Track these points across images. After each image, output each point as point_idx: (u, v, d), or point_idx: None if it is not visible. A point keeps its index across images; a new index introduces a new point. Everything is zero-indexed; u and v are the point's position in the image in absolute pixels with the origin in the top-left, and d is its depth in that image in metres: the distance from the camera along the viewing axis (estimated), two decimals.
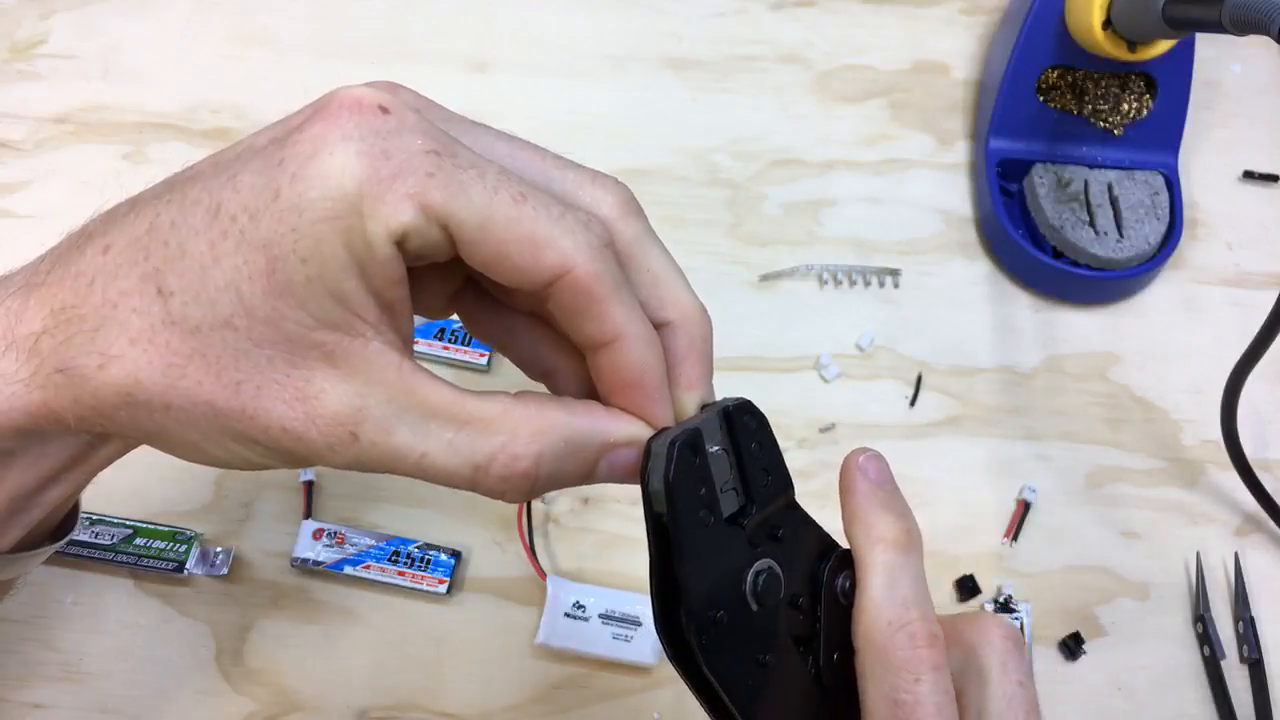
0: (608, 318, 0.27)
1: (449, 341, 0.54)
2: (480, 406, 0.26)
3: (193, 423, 0.26)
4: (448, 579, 0.48)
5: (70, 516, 0.34)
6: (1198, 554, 0.51)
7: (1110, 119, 0.60)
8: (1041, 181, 0.58)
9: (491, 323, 0.31)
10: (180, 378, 0.25)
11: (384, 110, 0.25)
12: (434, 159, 0.25)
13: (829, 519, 0.31)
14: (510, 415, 0.26)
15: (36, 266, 0.28)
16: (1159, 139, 0.60)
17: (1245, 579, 0.51)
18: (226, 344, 0.25)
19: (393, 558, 0.49)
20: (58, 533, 0.34)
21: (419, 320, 0.33)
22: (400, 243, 0.25)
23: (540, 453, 0.26)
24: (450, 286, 0.31)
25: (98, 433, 0.28)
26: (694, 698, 0.27)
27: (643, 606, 0.48)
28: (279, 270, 0.24)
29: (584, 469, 0.28)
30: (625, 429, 0.28)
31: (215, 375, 0.25)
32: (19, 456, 0.28)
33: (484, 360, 0.54)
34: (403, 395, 0.26)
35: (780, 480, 0.30)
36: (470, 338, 0.54)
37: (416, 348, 0.40)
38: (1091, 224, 0.57)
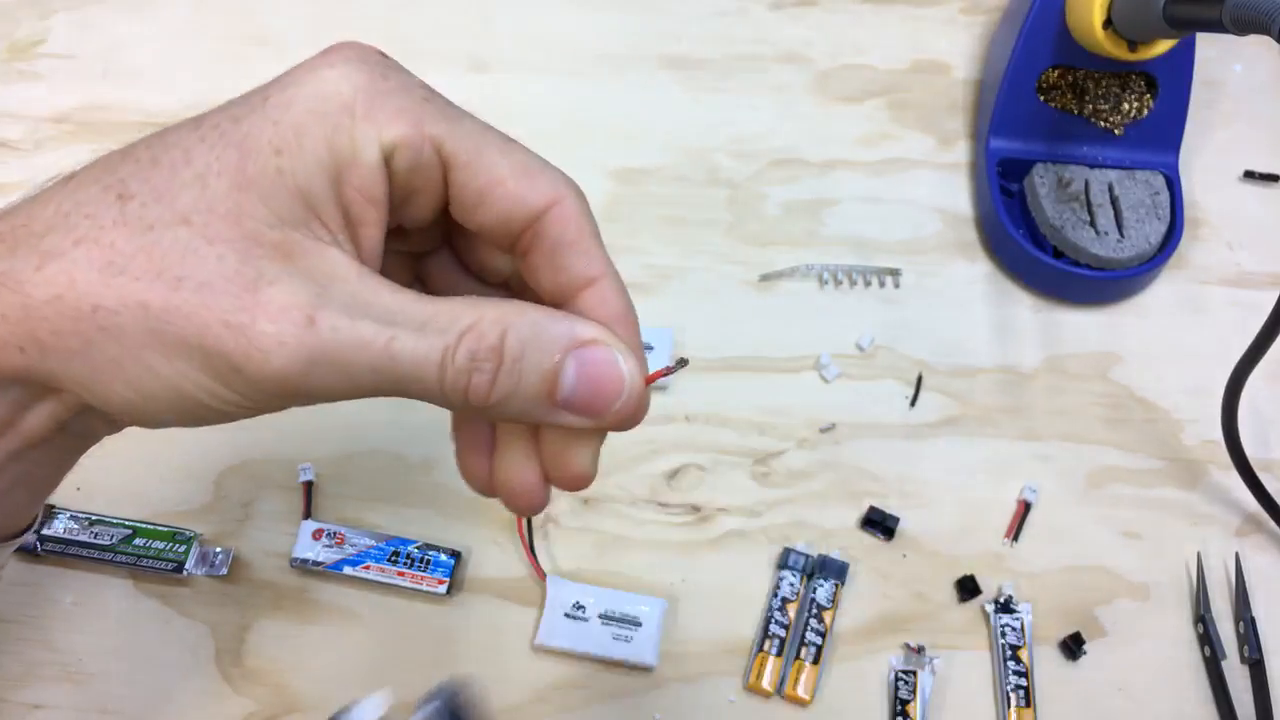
0: (594, 252, 0.27)
1: None
2: (447, 301, 0.25)
3: (120, 330, 0.23)
4: (447, 579, 0.48)
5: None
6: (1198, 554, 0.51)
7: (1111, 119, 0.60)
8: (1042, 181, 0.58)
9: (457, 294, 0.30)
10: (116, 274, 0.23)
11: (384, 55, 0.26)
12: (431, 97, 0.26)
13: (830, 519, 0.31)
14: (476, 306, 0.25)
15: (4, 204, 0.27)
16: (1160, 139, 0.60)
17: (1246, 579, 0.51)
18: (177, 240, 0.23)
19: (392, 558, 0.49)
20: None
21: None
22: (389, 157, 0.25)
23: (506, 330, 0.25)
24: (419, 247, 0.30)
25: (20, 369, 0.24)
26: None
27: (644, 607, 0.48)
28: (250, 162, 0.24)
29: (550, 364, 0.25)
30: (595, 329, 0.26)
31: (155, 272, 0.23)
32: None
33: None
34: (365, 291, 0.24)
35: None
36: None
37: None
38: (1092, 224, 0.57)
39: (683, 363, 0.30)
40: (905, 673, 0.48)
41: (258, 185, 0.24)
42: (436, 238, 0.31)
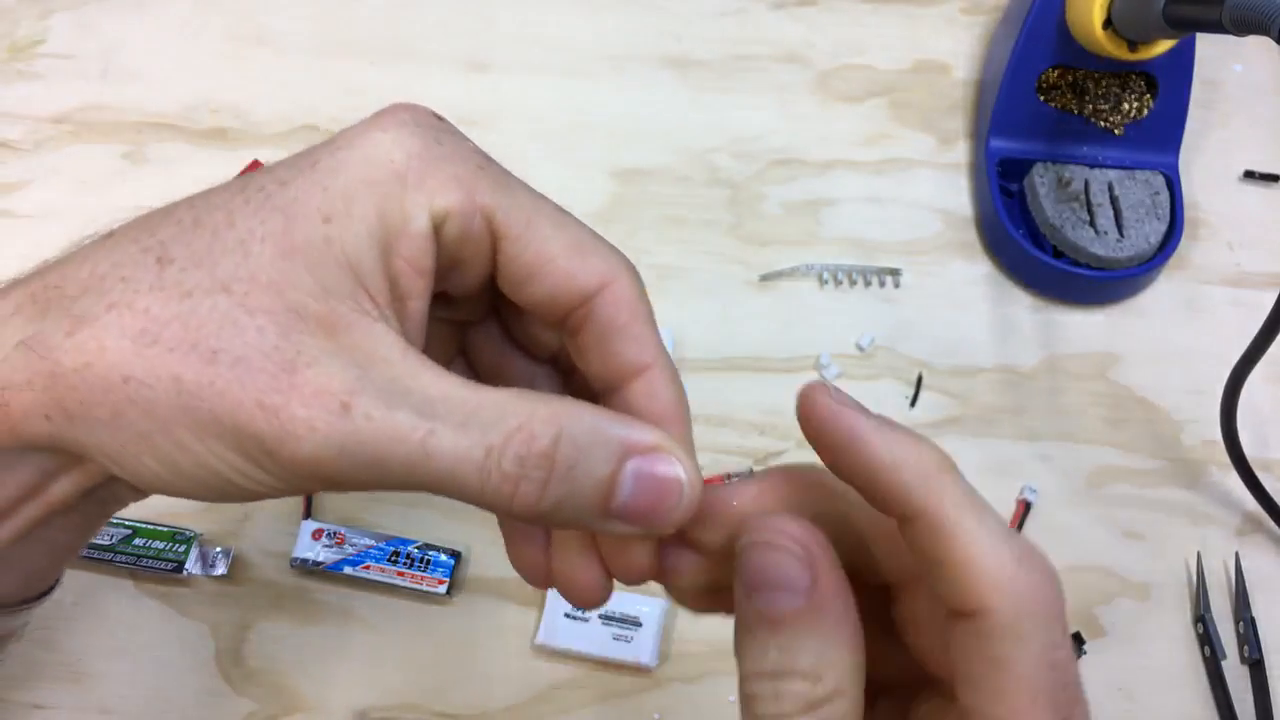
0: (647, 338, 0.25)
1: None
2: (495, 392, 0.23)
3: (151, 404, 0.22)
4: (448, 579, 0.48)
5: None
6: (1198, 554, 0.51)
7: (1111, 118, 0.60)
8: (1042, 181, 0.58)
9: (502, 368, 0.29)
10: (150, 343, 0.22)
11: (439, 117, 0.25)
12: (484, 163, 0.25)
13: None
14: (527, 398, 0.23)
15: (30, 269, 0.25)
16: (1160, 139, 0.60)
17: (1246, 579, 0.51)
18: (215, 309, 0.22)
19: (392, 558, 0.49)
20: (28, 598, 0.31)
21: None
22: (439, 226, 0.23)
23: (560, 434, 0.23)
24: (464, 316, 0.29)
25: (46, 437, 0.23)
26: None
27: (644, 607, 0.48)
28: (297, 228, 0.23)
29: (606, 472, 0.23)
30: (653, 432, 0.24)
31: (191, 343, 0.22)
32: None
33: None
34: (407, 375, 0.23)
35: None
36: None
37: None
38: (1092, 224, 0.57)
39: (746, 473, 0.27)
40: None
41: (304, 253, 0.23)
42: (483, 308, 0.29)
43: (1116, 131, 0.60)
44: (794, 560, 0.23)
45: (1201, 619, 0.49)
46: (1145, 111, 0.60)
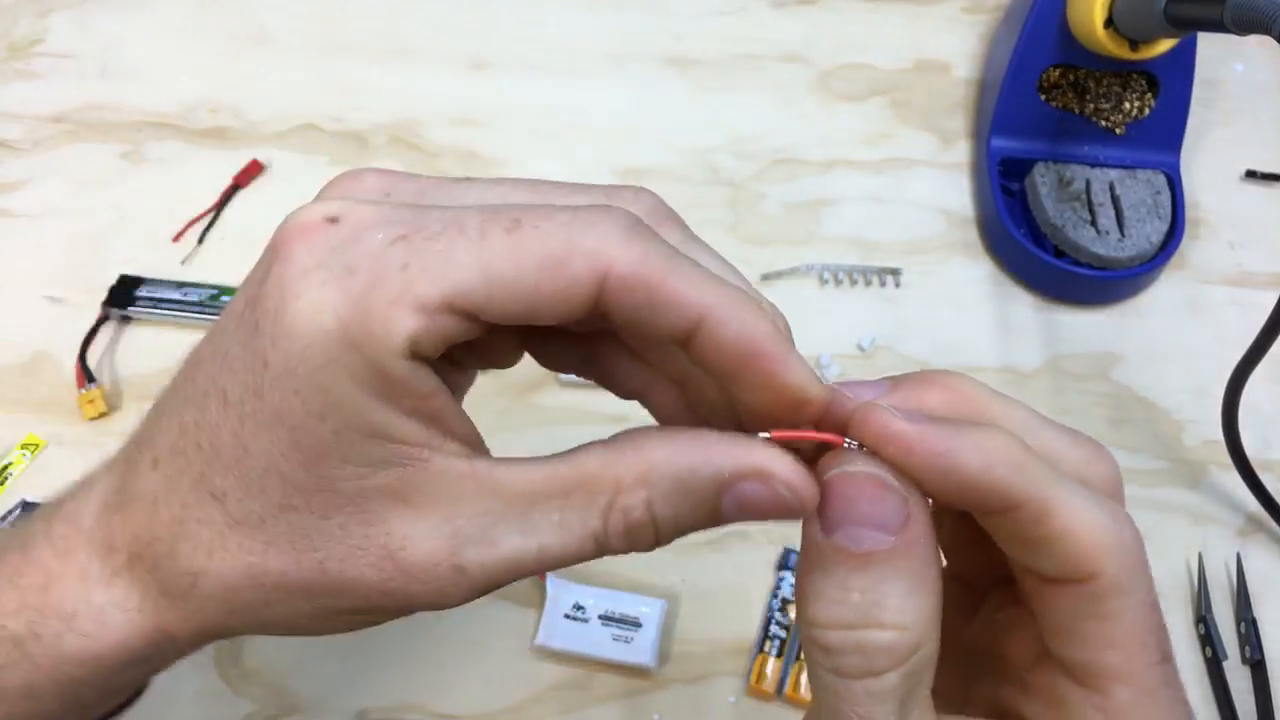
0: (677, 296, 0.21)
1: None
2: (574, 469, 0.23)
3: (295, 609, 0.24)
4: None
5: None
6: (1199, 555, 0.51)
7: (1112, 118, 0.60)
8: (1043, 181, 0.58)
9: (564, 354, 0.28)
10: (264, 574, 0.23)
11: (332, 221, 0.22)
12: (402, 246, 0.21)
13: None
14: (610, 467, 0.23)
15: (107, 482, 0.26)
16: (1161, 138, 0.60)
17: (1247, 580, 0.50)
18: (294, 526, 0.23)
19: None
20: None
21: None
22: (414, 353, 0.21)
23: (649, 499, 0.22)
24: (510, 339, 0.27)
25: (211, 640, 0.26)
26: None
27: (644, 607, 0.48)
28: (304, 439, 0.22)
29: (707, 510, 0.23)
30: (740, 458, 0.22)
31: (295, 561, 0.23)
32: (135, 671, 0.27)
33: None
34: (490, 499, 0.23)
35: None
36: None
37: None
38: (1093, 223, 0.57)
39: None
40: None
41: (329, 453, 0.22)
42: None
43: (1118, 131, 0.60)
44: (893, 495, 0.21)
45: (1203, 619, 0.49)
46: (1146, 111, 0.60)
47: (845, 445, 0.23)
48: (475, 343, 0.24)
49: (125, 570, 0.25)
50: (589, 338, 0.27)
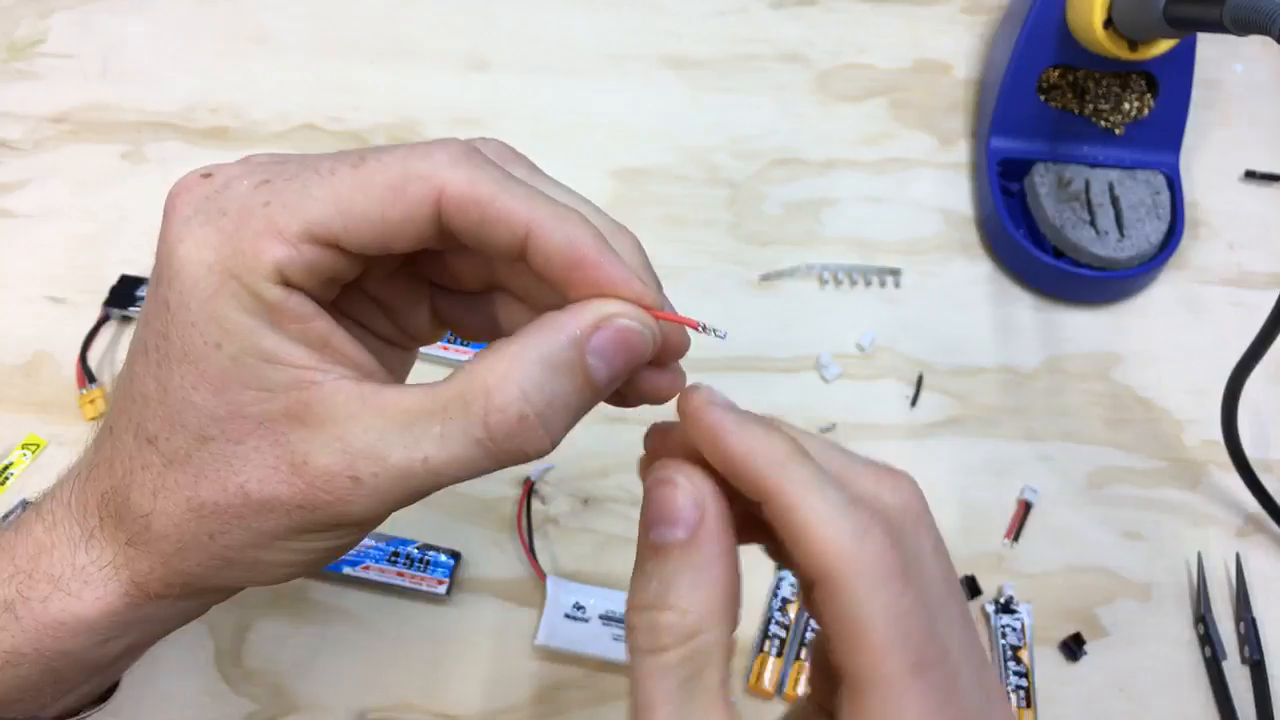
0: (505, 213, 0.24)
1: (447, 342, 0.54)
2: (449, 384, 0.25)
3: (237, 539, 0.26)
4: (447, 579, 0.48)
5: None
6: (1199, 555, 0.51)
7: (1111, 118, 0.60)
8: (1042, 181, 0.58)
9: (472, 315, 0.30)
10: (200, 505, 0.25)
11: (206, 176, 0.26)
12: (265, 188, 0.25)
13: None
14: (475, 375, 0.25)
15: (83, 458, 0.29)
16: (1160, 138, 0.60)
17: (1246, 580, 0.50)
18: (216, 455, 0.25)
19: (392, 558, 0.49)
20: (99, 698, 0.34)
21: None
22: (285, 279, 0.24)
23: (521, 390, 0.24)
24: (420, 303, 0.30)
25: (181, 591, 0.28)
26: None
27: None
28: (208, 368, 0.25)
29: (578, 378, 0.25)
30: (583, 316, 0.25)
31: (222, 487, 0.25)
32: (115, 643, 0.29)
33: None
34: (375, 417, 0.25)
35: None
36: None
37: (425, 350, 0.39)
38: (1093, 223, 0.57)
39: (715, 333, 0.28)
40: None
41: (231, 379, 0.25)
42: (422, 287, 0.30)
43: (1117, 131, 0.60)
44: (686, 498, 0.25)
45: (1202, 619, 0.49)
46: (1146, 111, 0.60)
47: (699, 328, 0.27)
48: (385, 308, 0.28)
49: (99, 530, 0.27)
50: (488, 299, 0.30)
